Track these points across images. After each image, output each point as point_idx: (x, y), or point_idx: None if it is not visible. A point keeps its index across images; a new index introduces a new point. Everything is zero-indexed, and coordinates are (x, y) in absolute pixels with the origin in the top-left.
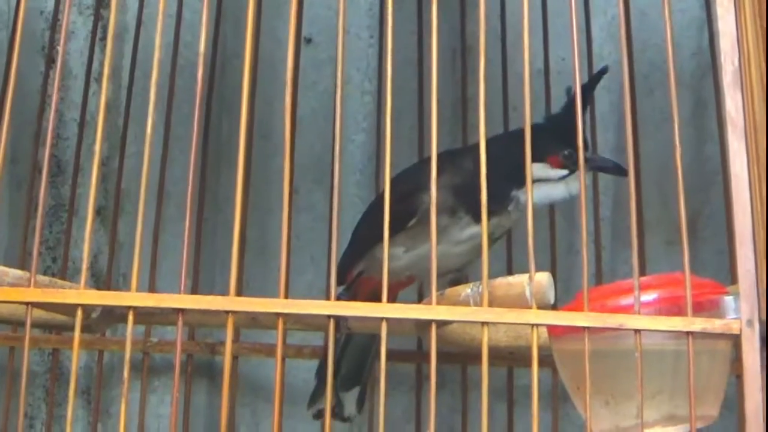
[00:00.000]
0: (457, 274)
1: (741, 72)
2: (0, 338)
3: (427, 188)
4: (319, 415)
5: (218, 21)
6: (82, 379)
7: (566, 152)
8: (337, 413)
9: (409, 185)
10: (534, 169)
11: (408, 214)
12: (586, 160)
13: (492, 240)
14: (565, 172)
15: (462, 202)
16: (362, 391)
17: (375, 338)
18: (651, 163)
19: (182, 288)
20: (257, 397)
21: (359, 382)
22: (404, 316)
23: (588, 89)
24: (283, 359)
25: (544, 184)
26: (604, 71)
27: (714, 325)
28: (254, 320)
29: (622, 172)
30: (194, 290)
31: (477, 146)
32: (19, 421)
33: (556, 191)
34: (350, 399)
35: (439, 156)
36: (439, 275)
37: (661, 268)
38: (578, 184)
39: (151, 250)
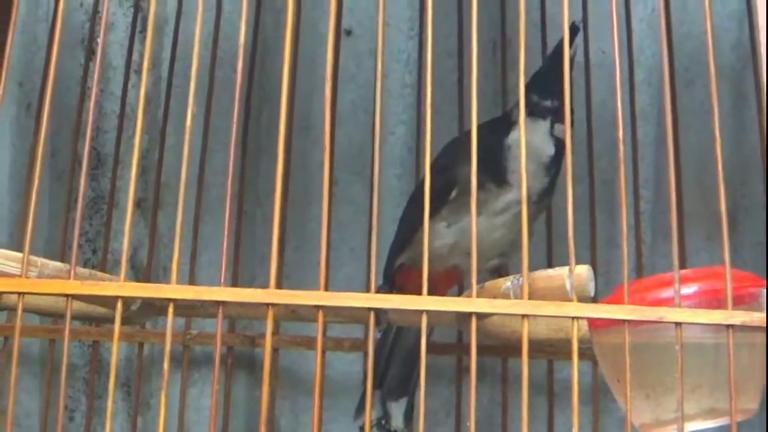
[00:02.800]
0: (501, 261)
1: None
2: (40, 330)
3: (461, 162)
4: None
5: (258, 13)
6: (122, 372)
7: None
8: (384, 425)
9: (447, 159)
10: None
11: (448, 186)
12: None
13: (534, 203)
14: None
15: (486, 174)
16: (410, 402)
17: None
18: (691, 156)
19: (222, 280)
20: (297, 389)
21: (407, 392)
22: (444, 308)
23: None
24: (323, 352)
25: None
26: (574, 29)
27: (753, 318)
28: (294, 313)
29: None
30: (234, 283)
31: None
32: (59, 413)
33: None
34: (397, 410)
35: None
36: (485, 258)
37: (701, 262)
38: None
39: (191, 243)
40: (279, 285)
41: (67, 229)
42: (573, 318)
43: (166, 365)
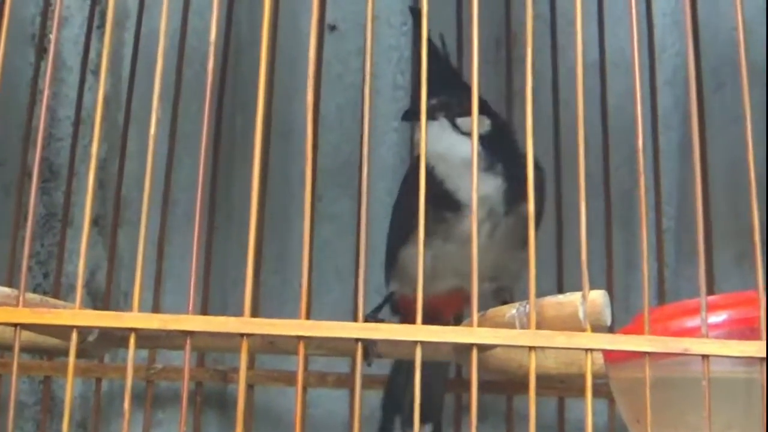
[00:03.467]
0: (499, 284)
1: None
2: None
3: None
4: None
5: (231, 5)
6: (78, 411)
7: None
8: None
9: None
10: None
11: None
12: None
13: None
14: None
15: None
16: (437, 428)
17: (447, 363)
18: (720, 167)
19: (190, 308)
20: (275, 430)
21: (431, 417)
22: (441, 339)
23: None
24: (304, 388)
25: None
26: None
27: None
28: (272, 344)
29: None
30: (204, 310)
31: None
32: None
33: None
34: None
35: None
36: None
37: (731, 287)
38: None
39: (156, 265)
40: (255, 313)
41: (16, 249)
42: (586, 350)
43: (126, 403)
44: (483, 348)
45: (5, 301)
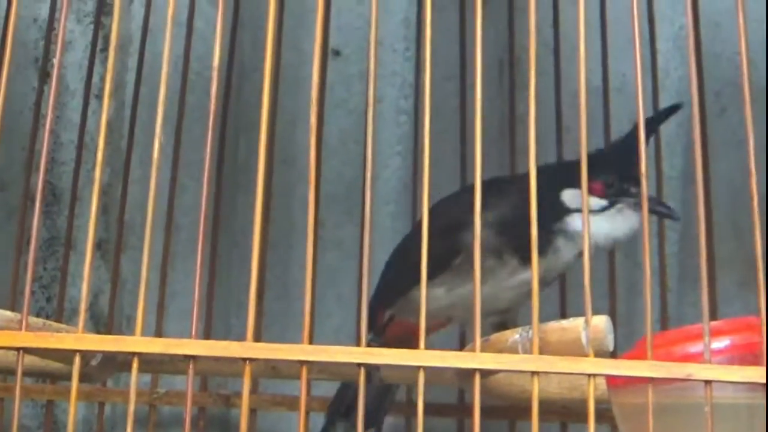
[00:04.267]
0: (503, 316)
1: None
2: None
3: (468, 223)
4: None
5: (234, 30)
6: None
7: (608, 179)
8: None
9: (452, 218)
10: (568, 196)
11: (452, 251)
12: (632, 194)
13: (542, 285)
14: (604, 202)
15: (507, 242)
16: None
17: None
18: (723, 191)
19: (193, 332)
20: None
21: (375, 421)
22: (444, 364)
23: (654, 122)
24: (306, 413)
25: (580, 218)
26: (677, 108)
27: None
28: (274, 369)
29: (673, 215)
30: (207, 335)
31: (520, 176)
32: None
33: (598, 226)
34: None
35: (484, 185)
36: (482, 316)
37: (734, 312)
38: (622, 221)
39: (159, 290)
40: (257, 338)
41: (19, 273)
42: (589, 375)
43: (129, 428)
44: (486, 373)
45: (8, 325)
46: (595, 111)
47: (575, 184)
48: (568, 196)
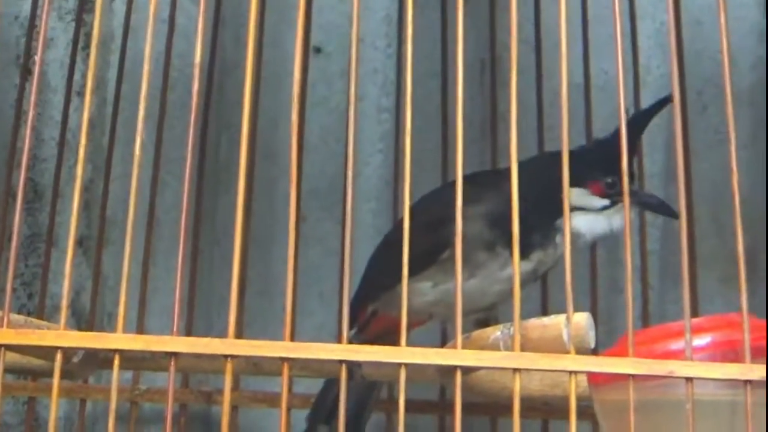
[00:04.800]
0: (486, 314)
1: None
2: None
3: (465, 215)
4: None
5: (216, 28)
6: None
7: (609, 180)
8: None
9: (440, 212)
10: (572, 195)
11: (439, 245)
12: (631, 193)
13: (534, 277)
14: (606, 202)
15: (500, 235)
16: None
17: (377, 381)
18: (704, 189)
19: (175, 329)
20: None
21: (357, 429)
22: (425, 361)
23: (642, 117)
24: (288, 410)
25: (583, 215)
26: (666, 101)
27: None
28: (256, 366)
29: (670, 212)
30: (188, 332)
31: (503, 170)
32: None
33: (598, 224)
34: None
35: (473, 177)
36: (467, 313)
37: (716, 309)
38: (621, 218)
39: (140, 287)
40: (239, 334)
41: (0, 270)
42: (571, 372)
43: (111, 425)
44: (467, 370)
45: None
46: (577, 108)
47: (578, 183)
48: (573, 195)
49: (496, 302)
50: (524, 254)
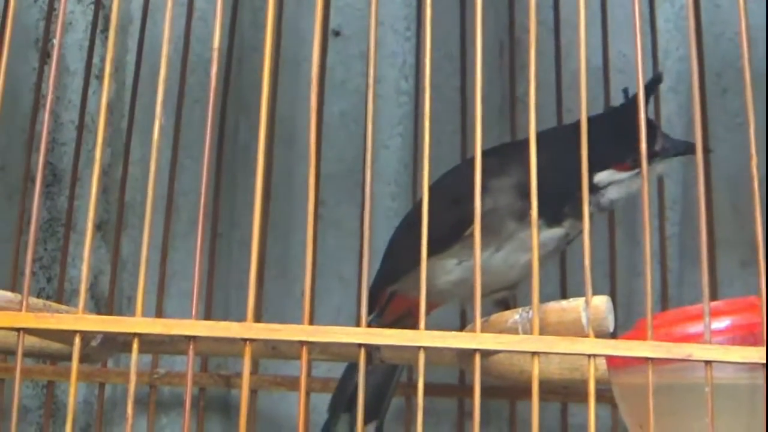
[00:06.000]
0: (506, 294)
1: None
2: None
3: (487, 188)
4: None
5: (235, 11)
6: (81, 415)
7: (632, 158)
8: None
9: (462, 187)
10: (603, 176)
11: (463, 221)
12: (658, 153)
13: (566, 242)
14: (635, 171)
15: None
16: (380, 425)
17: (398, 366)
18: (723, 173)
19: (194, 313)
20: None
21: (377, 415)
22: (444, 344)
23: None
24: (307, 393)
25: (616, 186)
26: (657, 80)
27: None
28: (275, 349)
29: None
30: (207, 316)
31: (546, 137)
32: None
33: (632, 185)
34: None
35: (495, 150)
36: (490, 291)
37: (735, 292)
38: (653, 173)
39: (159, 270)
40: (258, 318)
41: (19, 254)
42: (589, 356)
43: (129, 408)
44: (486, 353)
45: (8, 306)
46: (596, 91)
47: (605, 166)
48: (600, 178)
49: (522, 277)
50: (557, 221)
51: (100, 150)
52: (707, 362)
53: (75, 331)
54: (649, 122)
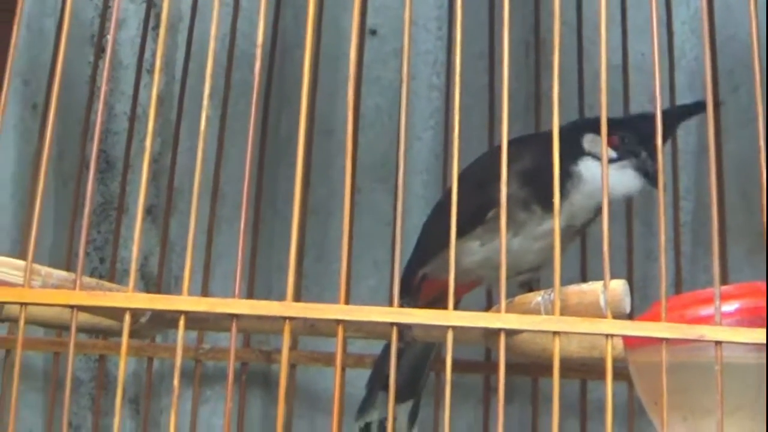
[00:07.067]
0: (532, 275)
1: None
2: (44, 343)
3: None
4: (367, 429)
5: (278, 10)
6: (130, 388)
7: (625, 136)
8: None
9: (484, 173)
10: (588, 139)
11: (485, 205)
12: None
13: (572, 231)
14: (614, 154)
15: (532, 192)
16: (416, 404)
17: (434, 345)
18: (734, 165)
19: (237, 292)
20: (315, 408)
21: (414, 393)
22: (471, 324)
23: (679, 117)
24: (342, 369)
25: (593, 161)
26: (700, 107)
27: None
28: (313, 327)
29: (654, 182)
30: (249, 295)
31: (543, 132)
32: (62, 430)
33: (614, 178)
34: (403, 413)
35: (514, 141)
36: (515, 273)
37: (744, 277)
38: (620, 177)
39: (205, 252)
40: (297, 298)
41: (74, 236)
42: (607, 335)
43: (176, 381)
44: (510, 333)
45: (63, 285)
46: (615, 88)
47: (596, 131)
48: (588, 139)
49: (540, 261)
50: (547, 209)
51: (150, 139)
52: (717, 342)
53: (125, 309)
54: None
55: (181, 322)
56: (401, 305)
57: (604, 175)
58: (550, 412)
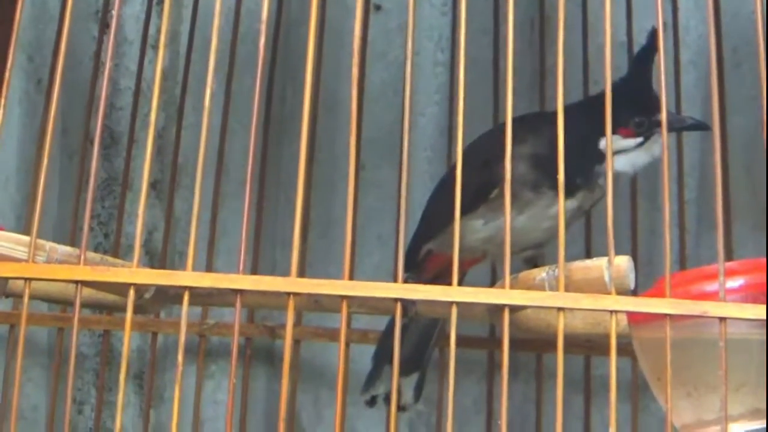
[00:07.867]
0: (536, 251)
1: None
2: (48, 318)
3: (511, 155)
4: (373, 402)
5: None
6: (135, 363)
7: (636, 120)
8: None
9: (488, 152)
10: (604, 144)
11: (490, 183)
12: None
13: (581, 213)
14: (640, 139)
15: (545, 175)
16: (421, 377)
17: (439, 319)
18: (738, 142)
19: (241, 268)
20: (319, 383)
21: (419, 367)
22: (475, 300)
23: (646, 56)
24: (346, 344)
25: (623, 156)
26: (704, 127)
27: None
28: (317, 303)
29: (703, 126)
30: (254, 270)
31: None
32: (66, 406)
33: (639, 158)
34: (408, 386)
35: (520, 119)
36: (519, 250)
37: (748, 254)
38: (658, 149)
39: (209, 228)
40: (301, 273)
41: (78, 211)
42: (611, 311)
43: (180, 356)
44: (514, 309)
45: (68, 260)
46: (620, 64)
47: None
48: (605, 143)
49: (545, 239)
50: (570, 193)
51: (154, 114)
52: (721, 319)
53: (129, 284)
54: (652, 95)
55: (185, 298)
56: (405, 280)
57: (608, 158)
58: (554, 387)
